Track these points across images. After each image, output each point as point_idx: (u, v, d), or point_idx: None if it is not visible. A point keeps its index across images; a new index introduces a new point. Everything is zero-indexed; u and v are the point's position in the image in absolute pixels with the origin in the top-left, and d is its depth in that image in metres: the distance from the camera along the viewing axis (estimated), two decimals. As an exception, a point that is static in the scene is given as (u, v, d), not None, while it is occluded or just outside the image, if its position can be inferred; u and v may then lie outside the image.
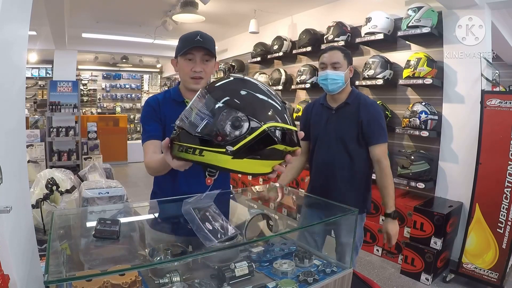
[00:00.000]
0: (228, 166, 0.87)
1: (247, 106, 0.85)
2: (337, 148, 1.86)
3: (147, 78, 11.13)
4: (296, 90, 4.81)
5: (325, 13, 4.43)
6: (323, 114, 1.93)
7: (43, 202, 1.67)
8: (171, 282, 1.06)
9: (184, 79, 1.42)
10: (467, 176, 2.86)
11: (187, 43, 1.35)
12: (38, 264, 1.19)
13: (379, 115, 1.85)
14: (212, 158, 0.86)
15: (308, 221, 1.89)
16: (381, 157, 1.82)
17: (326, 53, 1.88)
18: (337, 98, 1.90)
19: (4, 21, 0.80)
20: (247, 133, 0.83)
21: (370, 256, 3.34)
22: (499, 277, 2.58)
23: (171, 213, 1.49)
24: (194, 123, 0.86)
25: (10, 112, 0.93)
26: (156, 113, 1.43)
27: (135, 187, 5.71)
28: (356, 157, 1.86)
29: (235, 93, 0.87)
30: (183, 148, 0.88)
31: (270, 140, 0.86)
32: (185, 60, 1.38)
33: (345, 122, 1.86)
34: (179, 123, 0.89)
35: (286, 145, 0.88)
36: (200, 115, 0.86)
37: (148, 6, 4.74)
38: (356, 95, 1.90)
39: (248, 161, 0.87)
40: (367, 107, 1.84)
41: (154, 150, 1.39)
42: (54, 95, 6.05)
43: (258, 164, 0.89)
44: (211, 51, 1.37)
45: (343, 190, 1.87)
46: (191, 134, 0.86)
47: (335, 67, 1.83)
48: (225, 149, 0.84)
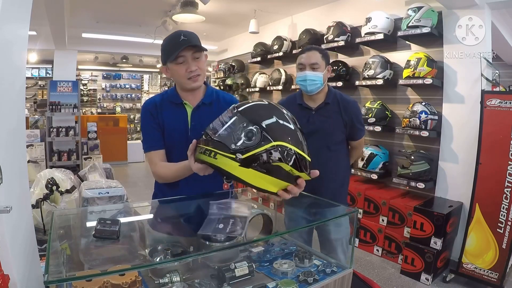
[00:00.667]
0: (234, 173, 0.96)
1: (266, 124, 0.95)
2: (320, 147, 1.88)
3: (147, 78, 11.13)
4: (296, 90, 4.80)
5: (325, 13, 4.43)
6: (301, 114, 1.91)
7: (43, 202, 1.67)
8: (171, 282, 1.06)
9: (181, 81, 1.39)
10: (467, 176, 2.86)
11: (174, 47, 1.31)
12: (38, 264, 1.19)
13: (359, 113, 1.99)
14: (223, 162, 0.95)
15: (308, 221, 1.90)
16: (360, 146, 2.07)
17: (304, 54, 1.88)
18: (316, 98, 1.91)
19: (4, 21, 0.80)
20: (258, 145, 0.92)
21: (370, 256, 3.34)
22: (499, 277, 2.58)
23: (171, 213, 1.49)
24: (217, 130, 0.98)
25: (10, 112, 0.93)
26: (154, 119, 1.42)
27: (135, 187, 5.71)
28: (338, 153, 1.92)
29: (260, 113, 0.98)
30: (202, 150, 1.00)
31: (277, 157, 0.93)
32: (177, 64, 1.34)
33: (328, 121, 1.88)
34: (206, 129, 1.01)
35: (292, 167, 0.95)
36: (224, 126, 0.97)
37: (148, 6, 4.74)
38: (334, 93, 1.94)
39: (253, 172, 0.95)
40: (349, 107, 1.91)
41: (161, 159, 1.41)
42: (54, 95, 6.05)
43: (263, 178, 0.96)
44: (199, 46, 1.34)
45: (330, 187, 1.89)
46: (212, 139, 0.98)
47: (313, 68, 1.84)
48: (235, 156, 0.94)
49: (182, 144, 1.02)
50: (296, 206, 1.85)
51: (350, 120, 1.89)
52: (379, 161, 3.47)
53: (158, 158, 1.40)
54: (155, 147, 1.41)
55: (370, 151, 3.52)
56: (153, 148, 1.41)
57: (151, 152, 1.41)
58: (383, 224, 3.31)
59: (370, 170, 3.49)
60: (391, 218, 3.25)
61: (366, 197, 3.45)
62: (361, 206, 3.47)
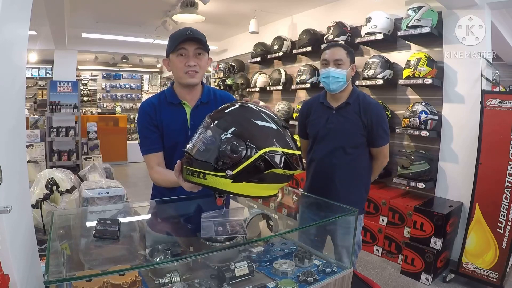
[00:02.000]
0: (229, 189, 0.93)
1: (246, 133, 0.91)
2: (337, 148, 1.83)
3: (147, 78, 11.13)
4: (296, 90, 4.81)
5: (325, 13, 4.42)
6: (323, 113, 1.88)
7: (43, 202, 1.67)
8: (171, 282, 1.06)
9: (178, 75, 1.38)
10: (467, 176, 2.86)
11: (178, 38, 1.33)
12: (38, 264, 1.19)
13: (383, 119, 1.85)
14: (214, 181, 0.92)
15: (308, 221, 1.90)
16: (381, 156, 1.90)
17: (328, 50, 1.82)
18: (338, 97, 1.85)
19: (4, 21, 0.80)
20: (245, 158, 0.89)
21: (370, 256, 3.34)
22: (499, 277, 2.58)
23: (171, 213, 1.49)
24: (198, 148, 0.93)
25: (10, 112, 0.93)
26: (152, 120, 1.41)
27: (135, 187, 5.70)
28: (355, 157, 1.84)
29: (236, 121, 0.94)
30: (190, 172, 0.96)
31: (268, 164, 0.90)
32: (178, 56, 1.35)
33: (347, 122, 1.81)
34: (187, 148, 0.98)
35: (285, 169, 0.92)
36: (203, 141, 0.93)
37: (148, 6, 4.74)
38: (357, 94, 1.86)
39: (248, 184, 0.92)
40: (370, 109, 1.80)
41: (158, 163, 1.41)
42: (54, 95, 6.05)
43: (259, 187, 0.94)
44: (204, 44, 1.35)
45: (342, 190, 1.84)
46: (196, 159, 0.94)
47: (338, 64, 1.77)
48: (225, 173, 0.89)
49: (182, 144, 1.02)
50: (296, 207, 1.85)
51: (370, 122, 1.78)
52: (379, 161, 3.47)
53: (155, 161, 1.40)
54: (152, 150, 1.40)
55: (370, 151, 3.52)
56: (150, 151, 1.40)
57: (148, 155, 1.41)
58: (383, 224, 3.32)
59: (370, 170, 3.49)
60: (391, 218, 3.25)
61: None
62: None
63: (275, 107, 4.86)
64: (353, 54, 1.85)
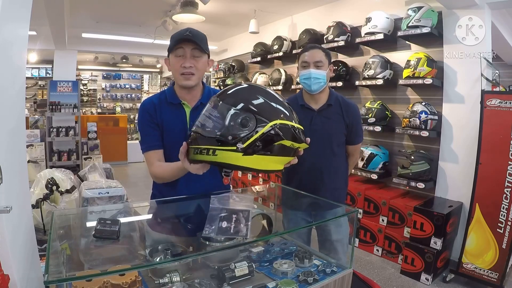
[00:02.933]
0: (240, 163, 0.94)
1: (255, 107, 0.93)
2: (323, 148, 1.87)
3: (147, 78, 11.13)
4: (296, 90, 4.81)
5: (325, 13, 4.43)
6: (304, 115, 1.88)
7: (43, 202, 1.67)
8: (171, 282, 1.06)
9: (175, 76, 1.40)
10: (467, 176, 2.86)
11: (177, 38, 1.34)
12: (38, 264, 1.19)
13: (360, 118, 1.99)
14: (224, 156, 0.93)
15: (308, 221, 1.90)
16: (355, 152, 2.03)
17: (308, 52, 1.86)
18: (318, 99, 1.88)
19: (4, 21, 0.80)
20: (255, 130, 0.91)
21: (370, 256, 3.34)
22: (499, 277, 2.58)
23: (171, 213, 1.49)
24: (207, 126, 0.95)
25: (10, 112, 0.93)
26: (153, 119, 1.41)
27: (135, 187, 5.70)
28: (338, 155, 1.91)
29: (244, 97, 0.97)
30: (198, 150, 0.97)
31: (277, 136, 0.93)
32: (175, 57, 1.36)
33: (331, 123, 1.87)
34: (195, 128, 0.99)
35: (293, 141, 0.96)
36: (212, 118, 0.95)
37: (148, 6, 4.74)
38: (336, 96, 1.93)
39: (258, 157, 0.94)
40: (351, 110, 1.90)
41: (159, 159, 1.40)
42: (54, 95, 6.05)
43: (268, 160, 0.96)
44: (201, 45, 1.35)
45: (330, 188, 1.88)
46: (205, 137, 0.95)
47: (317, 66, 1.81)
48: (236, 147, 0.91)
49: (181, 144, 1.02)
50: (296, 206, 1.85)
51: (351, 122, 1.88)
52: (379, 161, 3.47)
53: (155, 158, 1.40)
54: (152, 147, 1.41)
55: (370, 151, 3.52)
56: (150, 148, 1.41)
57: (148, 152, 1.41)
58: (383, 224, 3.32)
59: (370, 170, 3.49)
60: (391, 218, 3.25)
61: (366, 197, 3.45)
62: (361, 206, 3.47)
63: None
64: (330, 56, 1.91)
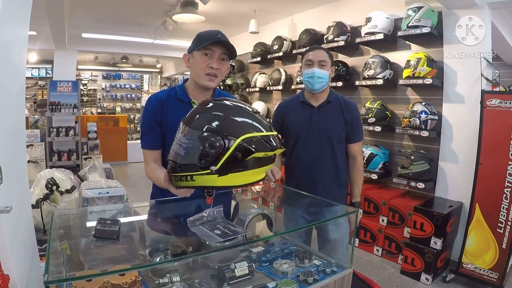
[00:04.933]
0: (217, 184, 0.96)
1: (219, 126, 0.94)
2: (322, 144, 1.88)
3: (147, 78, 11.13)
4: (296, 90, 4.80)
5: (325, 13, 4.42)
6: (304, 111, 1.92)
7: (43, 202, 1.67)
8: (171, 282, 1.06)
9: (197, 74, 1.37)
10: (467, 176, 2.86)
11: (208, 38, 1.33)
12: (38, 264, 1.19)
13: (359, 116, 1.98)
14: (202, 180, 0.96)
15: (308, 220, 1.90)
16: (357, 153, 1.96)
17: (312, 51, 1.90)
18: (319, 97, 1.92)
19: (4, 21, 0.80)
20: (225, 150, 0.92)
21: (370, 256, 3.34)
22: (499, 277, 2.58)
23: (171, 213, 1.49)
24: (179, 154, 0.97)
25: (10, 112, 0.93)
26: (156, 117, 1.40)
27: (135, 187, 5.70)
28: (338, 153, 1.91)
29: (208, 118, 0.97)
30: (178, 178, 1.00)
31: (247, 151, 0.92)
32: (202, 55, 1.35)
33: (330, 119, 1.89)
34: (170, 157, 1.01)
35: (265, 151, 0.95)
36: (182, 146, 0.96)
37: (148, 6, 4.74)
38: (336, 94, 1.96)
39: (234, 175, 0.95)
40: (350, 107, 1.92)
41: (155, 160, 1.41)
42: (54, 95, 6.05)
43: (245, 175, 0.97)
44: (231, 50, 1.36)
45: (329, 186, 1.89)
46: (180, 164, 0.97)
47: (321, 65, 1.85)
48: (210, 170, 0.93)
49: None
50: (295, 206, 1.85)
51: (350, 119, 1.89)
52: (379, 161, 3.47)
53: (151, 157, 1.40)
54: (150, 146, 1.41)
55: (370, 151, 3.52)
56: (148, 147, 1.41)
57: (146, 150, 1.42)
58: (383, 224, 3.32)
59: (370, 170, 3.49)
60: (391, 218, 3.25)
61: (366, 197, 3.45)
62: (361, 206, 3.47)
63: (275, 107, 4.86)
64: (333, 58, 1.95)
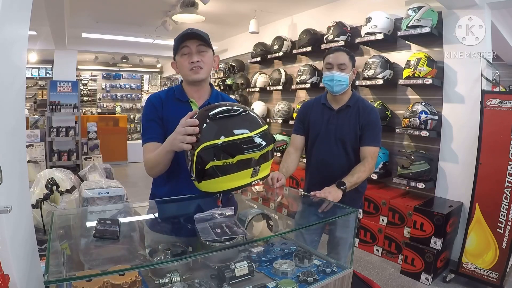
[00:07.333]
0: (203, 189, 1.04)
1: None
2: (337, 147, 1.89)
3: (147, 78, 11.13)
4: (296, 90, 4.81)
5: (325, 13, 4.42)
6: (324, 113, 1.95)
7: (43, 202, 1.67)
8: (171, 282, 1.06)
9: (184, 73, 1.41)
10: (467, 176, 2.86)
11: (179, 38, 1.37)
12: (38, 264, 1.19)
13: (377, 122, 1.90)
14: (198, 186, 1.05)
15: (307, 220, 1.90)
16: (369, 156, 1.82)
17: (332, 54, 1.89)
18: (339, 100, 1.93)
19: (4, 21, 0.80)
20: (193, 160, 0.99)
21: (370, 256, 3.34)
22: (499, 277, 2.58)
23: (171, 213, 1.49)
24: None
25: (10, 112, 0.93)
26: (157, 112, 1.42)
27: (135, 187, 5.70)
28: (353, 157, 1.90)
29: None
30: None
31: (205, 160, 0.97)
32: (182, 56, 1.39)
33: (346, 123, 1.89)
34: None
35: (224, 159, 0.97)
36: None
37: (148, 6, 4.74)
38: (357, 98, 1.94)
39: (213, 181, 1.00)
40: (368, 112, 1.89)
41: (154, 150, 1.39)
42: (54, 95, 6.05)
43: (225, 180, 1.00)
44: (205, 39, 1.37)
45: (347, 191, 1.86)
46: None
47: (341, 69, 1.85)
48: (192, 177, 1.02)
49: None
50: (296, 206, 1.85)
51: (364, 123, 1.87)
52: (379, 161, 3.47)
53: (152, 149, 1.39)
54: (152, 139, 1.41)
55: (370, 151, 3.52)
56: (149, 140, 1.41)
57: (147, 144, 1.41)
58: (383, 224, 3.32)
59: (370, 170, 3.49)
60: (391, 218, 3.25)
61: (366, 197, 3.45)
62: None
63: (275, 107, 4.86)
64: (354, 59, 1.93)
